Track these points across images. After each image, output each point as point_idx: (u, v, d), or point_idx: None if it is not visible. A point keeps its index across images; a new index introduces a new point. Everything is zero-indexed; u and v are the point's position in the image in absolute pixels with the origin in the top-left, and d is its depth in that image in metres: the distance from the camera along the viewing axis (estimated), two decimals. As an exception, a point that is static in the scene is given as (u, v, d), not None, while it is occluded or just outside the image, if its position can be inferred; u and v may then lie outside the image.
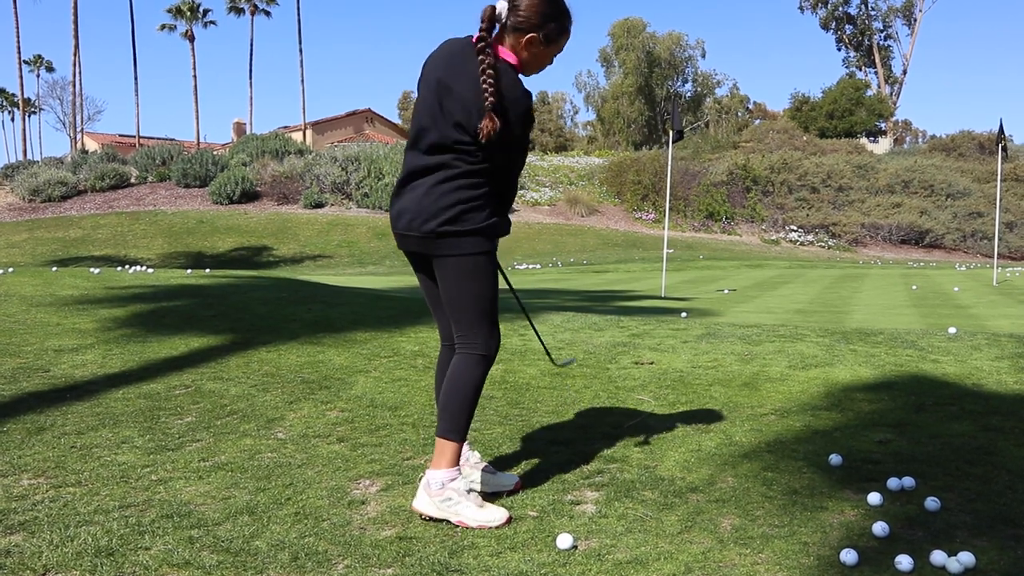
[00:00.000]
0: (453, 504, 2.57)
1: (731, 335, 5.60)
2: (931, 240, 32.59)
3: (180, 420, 3.71)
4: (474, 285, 2.68)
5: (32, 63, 63.28)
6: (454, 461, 2.66)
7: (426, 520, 2.62)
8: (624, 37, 58.40)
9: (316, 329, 5.79)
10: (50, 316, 6.18)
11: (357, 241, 27.23)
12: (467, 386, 2.68)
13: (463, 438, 2.69)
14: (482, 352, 2.70)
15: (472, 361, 2.70)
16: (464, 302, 2.70)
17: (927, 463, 3.08)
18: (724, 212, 33.67)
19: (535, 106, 3.13)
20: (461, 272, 2.68)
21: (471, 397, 2.68)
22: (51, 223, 28.85)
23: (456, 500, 2.58)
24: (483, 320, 2.69)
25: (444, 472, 2.62)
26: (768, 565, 2.28)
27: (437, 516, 2.59)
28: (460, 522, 2.56)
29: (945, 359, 4.74)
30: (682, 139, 13.38)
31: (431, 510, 2.60)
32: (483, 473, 2.86)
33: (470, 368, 2.70)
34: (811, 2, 65.09)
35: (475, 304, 2.69)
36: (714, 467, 3.09)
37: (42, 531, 2.45)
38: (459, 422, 2.67)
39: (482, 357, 2.70)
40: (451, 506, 2.57)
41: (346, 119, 53.09)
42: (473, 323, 2.69)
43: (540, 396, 4.16)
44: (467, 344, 2.71)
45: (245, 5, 50.04)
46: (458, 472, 2.66)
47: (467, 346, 2.71)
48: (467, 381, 2.69)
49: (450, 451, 2.66)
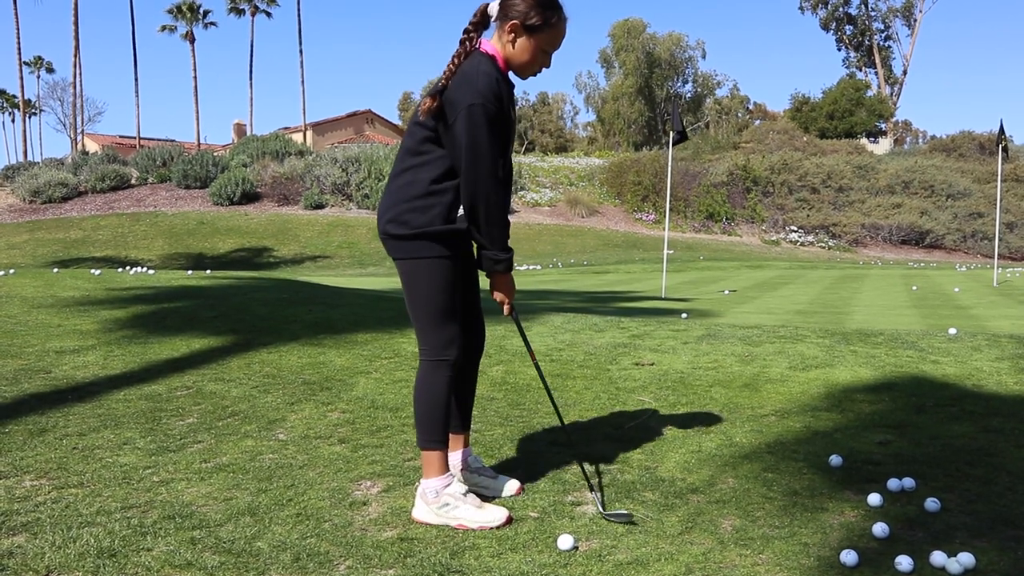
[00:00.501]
0: (451, 509, 2.58)
1: (731, 336, 5.61)
2: (931, 241, 32.60)
3: (181, 421, 3.71)
4: (419, 290, 2.59)
5: (32, 64, 63.32)
6: (442, 468, 2.65)
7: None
8: (624, 38, 58.40)
9: (317, 330, 5.79)
10: (51, 317, 6.19)
11: (357, 242, 27.24)
12: (427, 393, 2.64)
13: (444, 444, 2.66)
14: (432, 357, 2.64)
15: (427, 367, 2.65)
16: (412, 308, 2.64)
17: (927, 464, 3.08)
18: (724, 213, 33.68)
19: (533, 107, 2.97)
20: (405, 276, 2.62)
21: (434, 403, 2.63)
22: (52, 224, 28.87)
23: (454, 505, 2.58)
24: (432, 325, 2.61)
25: (436, 480, 2.62)
26: (768, 566, 2.28)
27: (437, 523, 2.59)
28: (460, 525, 2.56)
29: (945, 360, 4.74)
30: (686, 140, 13.26)
31: (431, 518, 2.60)
32: (483, 477, 2.86)
33: (426, 374, 2.65)
34: (811, 2, 65.09)
35: (423, 309, 2.61)
36: (714, 468, 3.09)
37: (44, 532, 2.46)
38: (431, 430, 2.63)
39: (435, 362, 2.64)
40: (449, 511, 2.58)
41: (346, 120, 53.12)
42: (423, 329, 2.63)
43: (541, 397, 4.17)
44: (422, 350, 2.66)
45: (245, 6, 50.06)
46: (450, 477, 2.65)
47: (423, 352, 2.66)
48: (426, 388, 2.64)
49: (435, 460, 2.65)
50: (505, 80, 2.59)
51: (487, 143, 2.46)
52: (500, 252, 2.55)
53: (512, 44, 2.56)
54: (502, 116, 2.51)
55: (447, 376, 2.64)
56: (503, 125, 2.52)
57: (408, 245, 2.57)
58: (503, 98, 2.51)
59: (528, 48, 2.57)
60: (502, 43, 2.58)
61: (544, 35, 2.56)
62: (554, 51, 2.63)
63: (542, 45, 2.58)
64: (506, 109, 2.54)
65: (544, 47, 2.59)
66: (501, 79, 2.54)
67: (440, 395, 2.64)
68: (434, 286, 2.59)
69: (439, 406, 2.64)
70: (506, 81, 2.59)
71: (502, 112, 2.51)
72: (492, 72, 2.51)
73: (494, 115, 2.47)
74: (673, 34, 59.00)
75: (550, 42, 2.59)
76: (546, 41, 2.58)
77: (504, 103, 2.52)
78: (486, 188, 2.48)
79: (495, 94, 2.47)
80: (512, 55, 2.58)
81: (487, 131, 2.45)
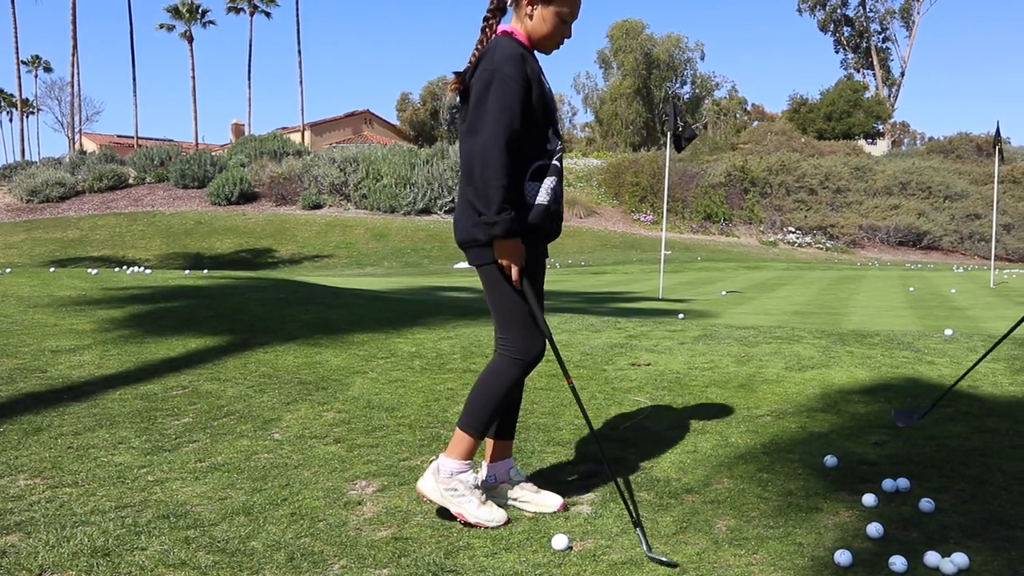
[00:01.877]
0: (457, 496, 2.59)
1: (728, 336, 5.61)
2: (928, 242, 32.63)
3: (177, 421, 3.71)
4: (491, 295, 2.65)
5: (30, 63, 63.24)
6: (468, 454, 2.65)
7: (425, 503, 2.63)
8: (623, 39, 58.38)
9: (314, 330, 5.79)
10: (48, 317, 6.18)
11: (355, 242, 27.23)
12: (493, 386, 2.65)
13: (482, 435, 2.66)
14: (512, 355, 2.65)
15: (503, 362, 2.66)
16: (492, 309, 2.69)
17: (922, 464, 3.09)
18: (722, 213, 33.70)
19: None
20: (482, 282, 2.68)
21: (494, 397, 2.64)
22: (49, 224, 28.84)
23: (461, 492, 2.59)
24: (511, 324, 2.63)
25: (456, 463, 2.62)
26: (763, 566, 2.28)
27: (438, 502, 2.60)
28: (459, 515, 2.57)
29: (941, 361, 4.75)
30: (694, 137, 13.04)
31: (434, 495, 2.60)
32: (525, 491, 2.80)
33: (500, 369, 2.66)
34: (809, 4, 65.18)
35: (498, 310, 2.65)
36: (710, 468, 3.09)
37: (38, 531, 2.45)
38: (478, 419, 2.64)
39: (512, 360, 2.65)
40: (454, 497, 2.59)
41: (345, 120, 53.11)
42: (505, 327, 2.65)
43: (536, 397, 4.17)
44: (501, 346, 2.68)
45: (244, 5, 50.05)
46: (468, 467, 2.65)
47: (501, 347, 2.68)
48: (494, 381, 2.65)
49: (465, 444, 2.64)
50: (530, 54, 2.61)
51: (494, 107, 2.46)
52: (494, 215, 2.46)
53: (530, 17, 2.61)
54: (525, 85, 2.51)
55: (517, 374, 2.66)
56: (528, 95, 2.52)
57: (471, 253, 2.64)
58: (525, 67, 2.52)
59: (546, 18, 2.60)
60: (521, 21, 2.63)
61: (562, 2, 2.60)
62: (573, 20, 2.66)
63: (560, 13, 2.61)
64: (532, 78, 2.54)
65: (562, 15, 2.62)
66: (525, 53, 2.56)
67: (502, 390, 2.65)
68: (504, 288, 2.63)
69: (495, 400, 2.65)
70: (531, 55, 2.62)
71: (524, 80, 2.50)
72: (511, 45, 2.55)
73: (507, 81, 2.47)
74: (672, 35, 58.96)
75: (568, 8, 2.62)
76: (564, 7, 2.61)
77: (528, 71, 2.53)
78: (483, 151, 2.45)
79: (513, 63, 2.49)
80: (532, 29, 2.62)
81: (496, 96, 2.46)
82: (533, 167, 2.58)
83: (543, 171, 2.60)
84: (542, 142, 2.60)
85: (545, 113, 2.59)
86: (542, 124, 2.58)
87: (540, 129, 2.58)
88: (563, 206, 2.76)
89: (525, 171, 2.57)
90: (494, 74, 2.47)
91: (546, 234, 2.66)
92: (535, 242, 2.63)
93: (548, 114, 2.61)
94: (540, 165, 2.59)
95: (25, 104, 56.25)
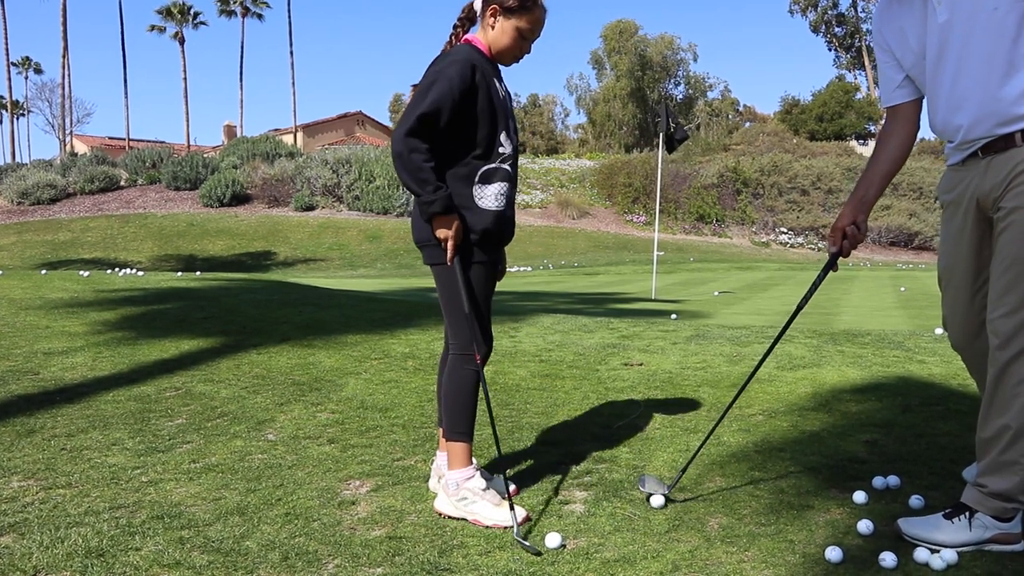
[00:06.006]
0: (468, 503, 2.63)
1: (720, 336, 5.64)
2: (920, 242, 32.78)
3: (170, 422, 3.71)
4: (442, 293, 2.73)
5: (20, 65, 62.89)
6: (465, 460, 2.71)
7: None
8: (616, 40, 58.51)
9: (307, 331, 5.79)
10: (39, 319, 6.17)
11: (348, 244, 27.20)
12: (455, 388, 2.73)
13: (469, 436, 2.73)
14: (462, 351, 2.72)
15: (455, 361, 2.75)
16: (443, 307, 2.77)
17: (912, 462, 3.11)
18: (715, 214, 33.78)
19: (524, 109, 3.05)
20: (435, 280, 2.75)
21: (460, 396, 2.72)
22: (40, 226, 28.72)
23: (471, 499, 2.63)
24: (461, 322, 2.70)
25: (457, 472, 2.68)
26: (754, 563, 2.30)
27: (456, 516, 2.65)
28: (475, 521, 2.61)
29: (932, 360, 4.78)
30: (686, 139, 13.08)
31: (450, 510, 2.66)
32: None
33: (454, 368, 2.75)
34: (801, 5, 65.43)
35: (448, 308, 2.73)
36: (702, 467, 3.11)
37: (32, 533, 2.46)
38: (457, 423, 2.72)
39: (463, 356, 2.72)
40: (467, 505, 2.63)
41: (337, 121, 53.02)
42: (455, 324, 2.73)
43: (530, 397, 4.18)
44: (452, 343, 2.77)
45: (236, 7, 49.95)
46: (472, 471, 2.69)
47: (453, 345, 2.77)
48: (455, 383, 2.74)
49: (459, 451, 2.71)
50: (488, 63, 2.71)
51: (419, 98, 2.54)
52: (431, 194, 2.52)
53: (493, 27, 2.71)
54: (465, 90, 2.57)
55: (473, 371, 2.73)
56: (468, 100, 2.59)
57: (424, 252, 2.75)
58: (472, 74, 2.59)
59: (507, 30, 2.70)
60: (484, 31, 2.73)
61: (521, 17, 2.68)
62: (533, 38, 2.76)
63: (520, 28, 2.70)
64: (480, 85, 2.62)
65: (522, 31, 2.70)
66: (480, 61, 2.65)
67: (466, 389, 2.73)
68: (454, 286, 2.71)
69: (464, 399, 2.73)
70: (490, 64, 2.72)
71: (466, 86, 2.57)
72: (464, 52, 2.64)
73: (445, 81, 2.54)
74: (665, 36, 59.15)
75: (527, 25, 2.70)
76: (523, 23, 2.69)
77: (476, 78, 2.61)
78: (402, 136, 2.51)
79: (458, 67, 2.57)
80: (494, 39, 2.72)
81: (425, 93, 2.54)
82: (482, 170, 2.66)
83: (492, 175, 2.67)
84: (491, 146, 2.67)
85: (494, 118, 2.66)
86: (491, 128, 2.65)
87: (488, 132, 2.65)
88: (515, 210, 2.86)
89: (474, 173, 2.65)
90: (438, 75, 2.56)
91: (500, 239, 2.75)
92: (490, 245, 2.71)
93: (498, 119, 2.68)
94: (489, 168, 2.67)
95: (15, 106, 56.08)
